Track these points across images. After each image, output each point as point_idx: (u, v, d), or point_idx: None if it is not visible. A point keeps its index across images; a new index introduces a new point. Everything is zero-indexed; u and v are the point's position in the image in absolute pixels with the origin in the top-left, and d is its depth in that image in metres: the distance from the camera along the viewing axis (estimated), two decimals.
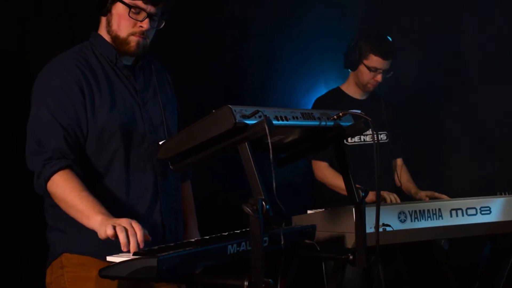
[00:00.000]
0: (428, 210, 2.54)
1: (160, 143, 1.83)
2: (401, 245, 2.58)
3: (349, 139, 3.21)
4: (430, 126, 3.89)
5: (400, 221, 2.48)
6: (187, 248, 1.75)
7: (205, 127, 1.71)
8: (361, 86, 3.25)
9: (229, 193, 3.17)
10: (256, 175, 1.66)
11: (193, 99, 3.11)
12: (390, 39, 3.23)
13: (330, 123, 1.99)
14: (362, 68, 3.19)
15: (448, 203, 2.60)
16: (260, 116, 1.70)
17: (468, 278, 2.99)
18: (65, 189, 1.90)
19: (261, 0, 3.68)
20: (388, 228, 2.43)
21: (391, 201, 2.93)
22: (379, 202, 1.99)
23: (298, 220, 2.58)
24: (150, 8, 2.06)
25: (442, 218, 2.56)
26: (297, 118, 1.86)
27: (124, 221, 1.76)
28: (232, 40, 3.64)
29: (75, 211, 1.88)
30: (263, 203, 1.64)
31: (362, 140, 3.22)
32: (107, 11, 2.09)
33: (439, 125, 3.86)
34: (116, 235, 1.73)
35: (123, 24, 2.07)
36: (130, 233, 1.72)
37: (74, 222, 1.92)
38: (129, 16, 2.05)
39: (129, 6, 2.05)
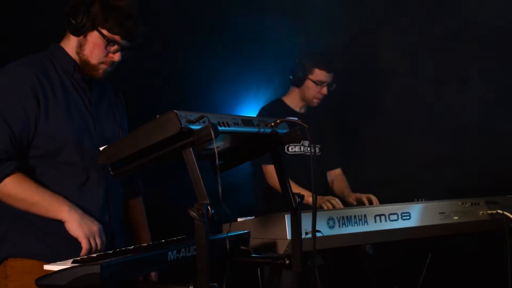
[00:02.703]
0: (355, 216, 2.63)
1: (101, 148, 1.80)
2: (329, 250, 2.66)
3: (290, 149, 3.31)
4: (354, 134, 4.07)
5: (329, 227, 2.56)
6: (129, 255, 1.73)
7: (149, 132, 1.69)
8: (308, 100, 3.40)
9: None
10: (201, 180, 1.67)
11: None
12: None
13: (268, 130, 2.03)
14: (308, 83, 3.34)
15: (373, 209, 2.72)
16: (204, 122, 1.71)
17: (388, 281, 3.13)
18: (24, 189, 1.96)
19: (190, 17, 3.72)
20: (318, 234, 2.49)
21: (333, 206, 3.02)
22: (315, 207, 2.05)
23: (227, 228, 2.59)
24: (124, 43, 2.11)
25: (368, 224, 2.66)
26: (238, 124, 1.89)
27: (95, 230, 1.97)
28: (165, 55, 3.65)
29: (39, 207, 1.96)
30: (209, 207, 1.65)
31: (302, 150, 3.34)
32: (81, 34, 2.09)
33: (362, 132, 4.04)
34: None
35: (96, 53, 2.10)
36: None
37: (15, 224, 1.98)
38: (105, 48, 2.09)
39: (107, 40, 2.07)
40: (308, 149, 3.35)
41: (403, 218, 2.79)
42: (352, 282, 3.22)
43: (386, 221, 2.73)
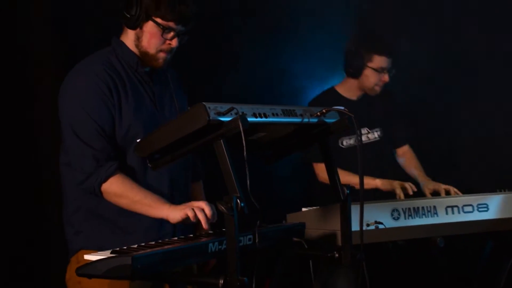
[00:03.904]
0: (423, 208, 2.49)
1: (138, 141, 1.83)
2: (396, 242, 2.54)
3: (344, 142, 3.16)
4: (431, 119, 3.86)
5: (393, 218, 2.44)
6: (166, 246, 1.74)
7: (181, 124, 1.70)
8: (368, 90, 3.18)
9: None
10: (232, 173, 1.65)
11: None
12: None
13: (314, 120, 1.96)
14: (367, 72, 3.12)
15: (444, 200, 2.55)
16: (235, 113, 1.69)
17: (467, 277, 2.93)
18: (127, 187, 2.05)
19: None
20: (380, 226, 2.39)
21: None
22: (363, 200, 1.96)
23: (292, 218, 2.56)
24: (180, 28, 2.14)
25: (438, 216, 2.51)
26: (277, 115, 1.85)
27: (197, 204, 1.94)
28: (232, 44, 3.64)
29: (142, 205, 2.03)
30: (238, 200, 1.62)
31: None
32: (137, 26, 2.15)
33: (440, 118, 3.82)
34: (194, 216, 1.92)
35: (153, 42, 2.15)
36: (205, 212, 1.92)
37: (89, 217, 2.11)
38: (162, 36, 2.13)
39: (163, 28, 2.12)
40: (368, 136, 3.17)
41: (480, 210, 2.59)
42: (423, 277, 3.06)
43: (459, 213, 2.55)
